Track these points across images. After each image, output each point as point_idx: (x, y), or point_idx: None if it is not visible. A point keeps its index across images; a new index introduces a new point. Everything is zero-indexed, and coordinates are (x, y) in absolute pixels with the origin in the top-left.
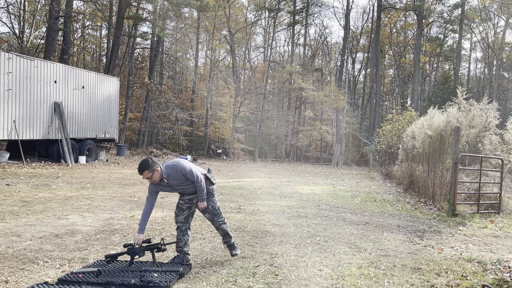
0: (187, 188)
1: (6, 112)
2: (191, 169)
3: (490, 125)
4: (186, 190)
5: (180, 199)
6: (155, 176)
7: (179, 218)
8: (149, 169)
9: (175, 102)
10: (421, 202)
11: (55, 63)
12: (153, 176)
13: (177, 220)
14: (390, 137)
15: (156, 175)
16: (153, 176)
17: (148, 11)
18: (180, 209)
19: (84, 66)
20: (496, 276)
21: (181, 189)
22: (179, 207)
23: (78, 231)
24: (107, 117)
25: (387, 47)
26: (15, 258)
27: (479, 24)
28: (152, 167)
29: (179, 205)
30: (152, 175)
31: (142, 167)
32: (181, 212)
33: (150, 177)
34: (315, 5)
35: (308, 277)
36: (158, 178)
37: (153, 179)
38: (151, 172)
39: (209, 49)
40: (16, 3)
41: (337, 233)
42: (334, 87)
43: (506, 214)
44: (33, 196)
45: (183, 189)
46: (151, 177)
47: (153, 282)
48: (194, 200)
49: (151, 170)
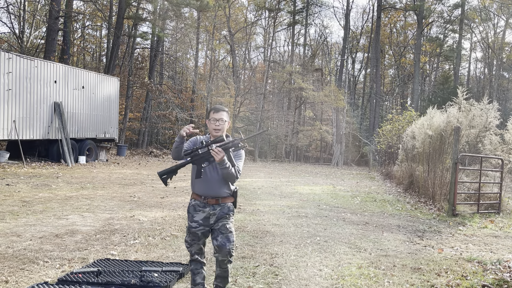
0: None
1: (6, 112)
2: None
3: (490, 125)
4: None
5: (191, 221)
6: (225, 126)
7: (194, 248)
8: (228, 113)
9: (175, 102)
10: (421, 202)
11: (55, 63)
12: (225, 125)
13: (192, 251)
14: (390, 137)
15: (226, 125)
16: (225, 125)
17: (148, 11)
18: (194, 235)
19: (84, 66)
20: (496, 276)
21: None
22: (193, 233)
23: (78, 231)
24: (107, 117)
25: (387, 47)
26: (15, 258)
27: (479, 24)
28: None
29: (192, 230)
30: (226, 122)
31: (223, 107)
32: (195, 239)
33: (222, 122)
34: (315, 5)
35: (308, 277)
36: (225, 129)
37: (222, 127)
38: (228, 119)
39: (209, 49)
40: (16, 3)
41: (337, 233)
42: (334, 87)
43: (506, 214)
44: (33, 196)
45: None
46: (222, 124)
47: (153, 282)
48: (212, 219)
49: (228, 116)
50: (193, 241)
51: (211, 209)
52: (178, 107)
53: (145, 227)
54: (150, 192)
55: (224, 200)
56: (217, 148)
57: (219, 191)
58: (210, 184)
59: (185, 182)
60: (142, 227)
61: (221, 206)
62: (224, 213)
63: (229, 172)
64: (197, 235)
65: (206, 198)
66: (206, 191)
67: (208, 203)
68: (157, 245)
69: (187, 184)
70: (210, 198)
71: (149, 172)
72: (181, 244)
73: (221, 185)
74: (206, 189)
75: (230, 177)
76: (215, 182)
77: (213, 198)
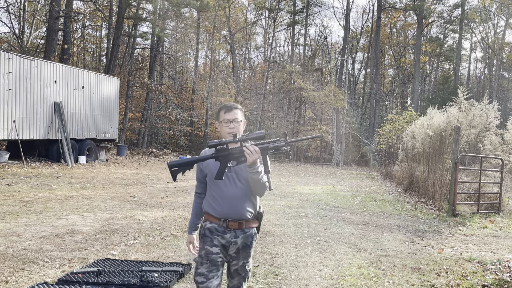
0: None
1: (6, 112)
2: None
3: (490, 125)
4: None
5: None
6: (240, 127)
7: (214, 283)
8: (242, 111)
9: (175, 102)
10: (421, 202)
11: (55, 63)
12: (240, 126)
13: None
14: (390, 137)
15: (242, 126)
16: (240, 126)
17: (148, 11)
18: (213, 264)
19: (84, 66)
20: (496, 276)
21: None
22: (213, 261)
23: (78, 231)
24: (107, 117)
25: (387, 47)
26: (15, 258)
27: (479, 24)
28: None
29: (213, 256)
30: (241, 122)
31: (235, 105)
32: (214, 269)
33: (237, 123)
34: (315, 5)
35: (308, 277)
36: (242, 130)
37: (238, 129)
38: (243, 118)
39: (209, 49)
40: (16, 3)
41: (337, 233)
42: (334, 87)
43: (506, 214)
44: (33, 196)
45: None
46: (238, 125)
47: (153, 282)
48: (232, 248)
49: (243, 114)
50: (211, 272)
51: (232, 236)
52: (178, 107)
53: (145, 227)
54: (150, 192)
55: (248, 224)
56: (253, 146)
57: (243, 212)
58: (231, 201)
59: (185, 182)
60: (142, 227)
61: (244, 232)
62: (247, 244)
63: (260, 178)
64: (217, 264)
65: (226, 221)
66: (227, 211)
67: (229, 228)
68: (157, 245)
69: (188, 184)
70: (232, 221)
71: (149, 172)
72: (181, 244)
73: (245, 203)
74: (226, 208)
75: (259, 186)
76: (237, 199)
77: (235, 222)
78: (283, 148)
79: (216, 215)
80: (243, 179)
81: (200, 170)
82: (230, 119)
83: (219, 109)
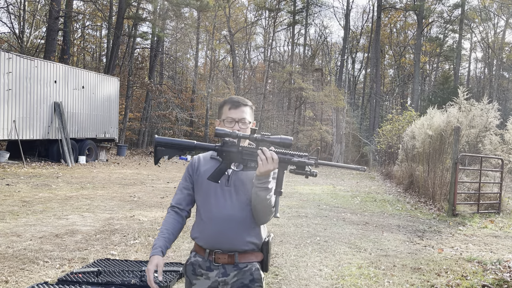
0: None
1: (6, 112)
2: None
3: (490, 125)
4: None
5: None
6: (248, 130)
7: None
8: (252, 109)
9: (175, 102)
10: (421, 202)
11: (55, 63)
12: (248, 129)
13: None
14: (390, 137)
15: (249, 128)
16: (248, 129)
17: (148, 11)
18: None
19: (84, 66)
20: (496, 276)
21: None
22: None
23: (78, 231)
24: (107, 117)
25: (387, 47)
26: (15, 258)
27: (479, 24)
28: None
29: None
30: (250, 124)
31: (244, 100)
32: None
33: (244, 125)
34: (315, 5)
35: (308, 277)
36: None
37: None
38: (252, 119)
39: (209, 49)
40: (16, 3)
41: (337, 233)
42: (334, 87)
43: (506, 214)
44: (33, 196)
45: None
46: (245, 127)
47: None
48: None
49: (252, 113)
50: None
51: (219, 274)
52: (178, 107)
53: (145, 227)
54: (150, 192)
55: (244, 257)
56: (271, 152)
57: (237, 240)
58: (221, 224)
59: None
60: (142, 227)
61: (239, 268)
62: (244, 285)
63: (267, 198)
64: None
65: (212, 253)
66: (214, 238)
67: (216, 262)
68: None
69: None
70: (220, 252)
71: (149, 172)
72: (181, 244)
73: (242, 227)
74: (214, 233)
75: (263, 209)
76: (230, 222)
77: (224, 254)
78: (308, 169)
79: (201, 243)
80: (244, 195)
81: (188, 175)
82: (236, 118)
83: (222, 103)
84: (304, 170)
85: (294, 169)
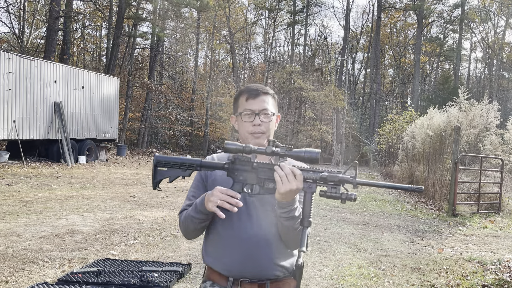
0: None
1: (6, 112)
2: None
3: (490, 125)
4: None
5: None
6: (271, 124)
7: None
8: (275, 99)
9: (175, 102)
10: (421, 202)
11: (55, 63)
12: (272, 123)
13: None
14: (390, 137)
15: (275, 123)
16: (272, 123)
17: (148, 11)
18: None
19: (84, 66)
20: (496, 276)
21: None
22: None
23: (78, 231)
24: (107, 117)
25: (387, 47)
26: (15, 258)
27: (479, 24)
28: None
29: None
30: (274, 116)
31: (264, 88)
32: None
33: (267, 118)
34: (315, 5)
35: (308, 277)
36: (273, 131)
37: (267, 129)
38: (276, 111)
39: (209, 49)
40: (16, 3)
41: (337, 233)
42: (334, 87)
43: (506, 214)
44: (33, 196)
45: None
46: (268, 121)
47: (153, 282)
48: None
49: (276, 105)
50: None
51: None
52: (178, 107)
53: (145, 227)
54: (150, 192)
55: (277, 286)
56: (292, 168)
57: (268, 266)
58: (247, 247)
59: (186, 182)
60: (142, 227)
61: None
62: None
63: (295, 228)
64: None
65: (238, 283)
66: (239, 265)
67: None
68: (157, 245)
69: (189, 184)
70: (248, 282)
71: (149, 172)
72: (181, 244)
73: (272, 250)
74: (239, 258)
75: (293, 238)
76: (258, 244)
77: (253, 283)
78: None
79: (222, 270)
80: (271, 207)
81: (200, 182)
82: (255, 110)
83: (238, 94)
84: (339, 191)
85: (325, 192)
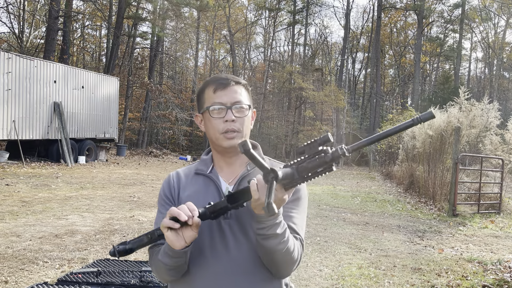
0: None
1: (6, 112)
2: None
3: (490, 125)
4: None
5: None
6: (246, 120)
7: None
8: (248, 90)
9: (175, 102)
10: (421, 202)
11: (55, 63)
12: (246, 118)
13: None
14: (390, 137)
15: (250, 119)
16: (246, 118)
17: (148, 11)
18: None
19: (84, 66)
20: (497, 276)
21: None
22: None
23: (77, 231)
24: (106, 117)
25: (387, 47)
26: (14, 258)
27: (480, 24)
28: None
29: None
30: (250, 111)
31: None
32: None
33: (242, 112)
34: (315, 5)
35: (308, 277)
36: (249, 129)
37: (241, 126)
38: (250, 102)
39: (209, 49)
40: (16, 3)
41: (337, 233)
42: (334, 87)
43: (506, 214)
44: (32, 196)
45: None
46: (242, 116)
47: (153, 282)
48: None
49: (250, 97)
50: None
51: None
52: (178, 107)
53: (145, 227)
54: (150, 192)
55: None
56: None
57: None
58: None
59: None
60: (142, 227)
61: None
62: None
63: (277, 250)
64: None
65: None
66: None
67: None
68: None
69: None
70: None
71: (149, 172)
72: None
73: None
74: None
75: (280, 261)
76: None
77: None
78: (332, 165)
79: None
80: (253, 230)
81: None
82: (226, 102)
83: (203, 86)
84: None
85: (322, 170)
